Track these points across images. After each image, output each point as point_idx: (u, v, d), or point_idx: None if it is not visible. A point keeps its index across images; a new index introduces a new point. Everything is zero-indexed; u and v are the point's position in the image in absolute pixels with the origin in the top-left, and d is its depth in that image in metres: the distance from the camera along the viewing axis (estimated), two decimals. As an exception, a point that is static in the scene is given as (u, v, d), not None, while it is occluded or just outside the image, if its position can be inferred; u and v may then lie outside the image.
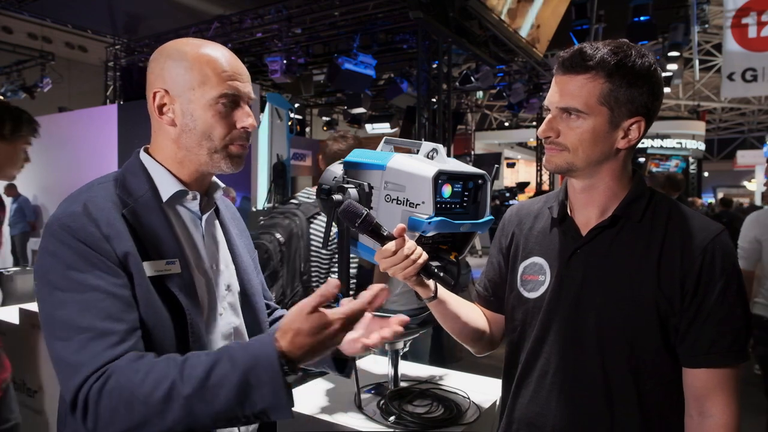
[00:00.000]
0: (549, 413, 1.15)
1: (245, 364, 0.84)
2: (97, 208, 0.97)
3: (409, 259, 1.12)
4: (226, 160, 1.06)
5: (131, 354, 0.89)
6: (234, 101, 1.04)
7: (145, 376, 0.85)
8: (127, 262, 0.95)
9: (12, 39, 10.54)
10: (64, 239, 0.93)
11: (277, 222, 2.35)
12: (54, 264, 0.93)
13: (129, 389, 0.85)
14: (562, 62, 1.10)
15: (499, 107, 18.21)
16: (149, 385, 0.84)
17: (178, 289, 0.99)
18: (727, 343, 1.05)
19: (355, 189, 1.30)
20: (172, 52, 1.04)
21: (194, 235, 1.10)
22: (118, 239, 0.95)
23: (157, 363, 0.88)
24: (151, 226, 1.00)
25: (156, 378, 0.85)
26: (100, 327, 0.89)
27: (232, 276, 1.17)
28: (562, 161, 1.11)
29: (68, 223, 0.94)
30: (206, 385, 0.84)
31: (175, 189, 1.05)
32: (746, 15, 7.48)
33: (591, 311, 1.11)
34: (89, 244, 0.93)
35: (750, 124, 25.21)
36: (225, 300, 1.13)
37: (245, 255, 1.22)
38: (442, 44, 6.89)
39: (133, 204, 1.01)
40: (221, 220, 1.20)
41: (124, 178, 1.05)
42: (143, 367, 0.86)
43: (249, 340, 0.95)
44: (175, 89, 1.02)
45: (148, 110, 1.08)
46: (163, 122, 1.05)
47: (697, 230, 1.08)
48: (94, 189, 1.02)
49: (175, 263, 1.00)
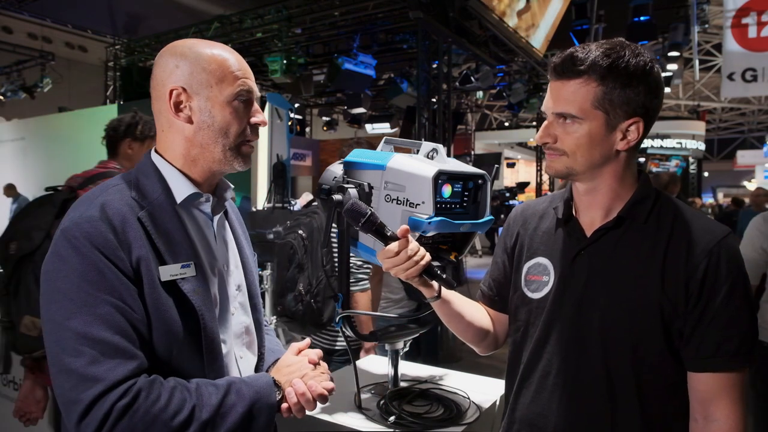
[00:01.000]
0: (550, 414, 1.15)
1: (251, 398, 1.00)
2: (114, 212, 0.97)
3: (412, 260, 1.12)
4: (239, 159, 1.08)
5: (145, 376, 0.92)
6: (248, 99, 1.07)
7: (168, 402, 0.92)
8: (140, 268, 0.95)
9: (12, 39, 10.54)
10: (80, 246, 0.93)
11: (301, 221, 2.61)
12: (67, 272, 0.92)
13: (153, 413, 0.90)
14: (554, 68, 1.09)
15: (499, 107, 18.21)
16: (172, 411, 0.91)
17: (192, 291, 1.00)
18: (733, 347, 1.03)
19: (355, 189, 1.30)
20: (185, 50, 1.04)
21: (208, 236, 1.11)
22: (133, 245, 0.96)
23: (174, 388, 0.94)
24: (166, 229, 1.01)
25: (178, 403, 0.92)
26: (113, 341, 0.90)
27: (242, 276, 1.19)
28: (562, 166, 1.11)
29: (86, 228, 0.94)
30: (219, 412, 0.95)
31: (189, 191, 1.06)
32: (746, 15, 7.49)
33: (594, 312, 1.10)
34: (105, 252, 0.93)
35: (750, 124, 25.21)
36: (236, 300, 1.15)
37: (250, 256, 1.25)
38: (442, 44, 6.88)
39: (148, 207, 1.01)
40: (230, 221, 1.21)
41: (138, 180, 1.05)
42: (164, 393, 0.92)
43: (247, 377, 1.08)
44: (192, 87, 1.03)
45: (152, 108, 1.08)
46: (178, 119, 1.04)
47: (703, 233, 1.06)
48: (109, 192, 1.01)
49: (190, 266, 1.01)
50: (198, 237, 1.08)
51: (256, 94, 1.10)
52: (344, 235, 1.36)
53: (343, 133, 14.53)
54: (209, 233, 1.11)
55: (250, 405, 0.99)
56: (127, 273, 0.94)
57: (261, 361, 1.21)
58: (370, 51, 8.24)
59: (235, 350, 1.13)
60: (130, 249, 0.95)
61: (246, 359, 1.16)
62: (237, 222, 1.25)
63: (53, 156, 9.15)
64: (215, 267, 1.10)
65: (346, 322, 1.44)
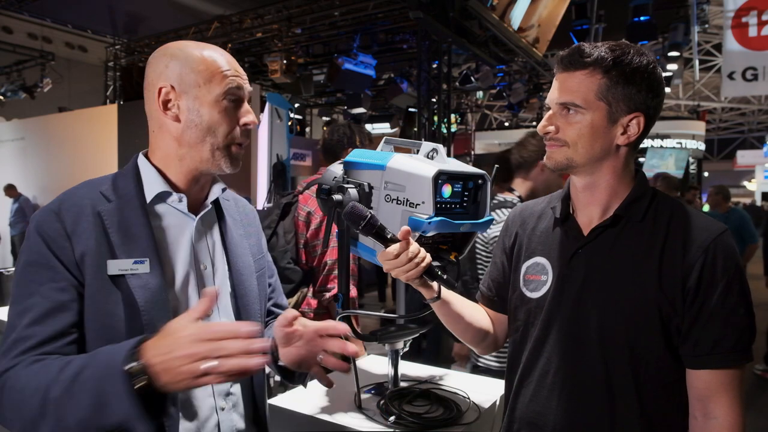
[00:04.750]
0: (549, 413, 1.15)
1: (100, 370, 0.82)
2: (70, 205, 1.02)
3: (413, 263, 1.12)
4: (226, 160, 1.07)
5: (32, 357, 0.92)
6: (238, 98, 1.07)
7: (29, 380, 0.88)
8: (84, 261, 0.98)
9: (12, 39, 10.53)
10: (30, 236, 0.99)
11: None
12: (21, 259, 1.00)
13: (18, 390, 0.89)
14: (561, 60, 1.12)
15: (499, 107, 18.21)
16: (31, 389, 0.87)
17: (141, 288, 0.99)
18: (731, 344, 1.04)
19: (355, 189, 1.30)
20: (175, 51, 1.05)
21: (180, 235, 1.09)
22: (80, 237, 0.99)
23: (46, 365, 0.89)
24: (126, 224, 1.02)
25: (39, 381, 0.87)
26: (24, 333, 0.94)
27: (226, 277, 1.15)
28: (562, 157, 1.12)
29: (38, 218, 1.00)
30: (72, 389, 0.83)
31: (159, 189, 1.06)
32: (746, 14, 7.48)
33: (592, 311, 1.11)
34: (48, 241, 0.98)
35: (750, 124, 25.21)
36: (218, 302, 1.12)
37: (245, 257, 1.19)
38: (442, 44, 6.88)
39: (115, 202, 1.03)
40: (224, 223, 1.18)
41: (116, 177, 1.09)
42: (32, 371, 0.89)
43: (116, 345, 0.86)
44: (181, 86, 1.04)
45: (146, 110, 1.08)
46: (166, 118, 1.05)
47: (699, 230, 1.07)
48: (79, 187, 1.06)
49: (144, 262, 1.01)
50: (169, 236, 1.07)
51: (247, 94, 1.09)
52: (344, 235, 1.36)
53: (343, 133, 14.50)
54: (185, 233, 1.09)
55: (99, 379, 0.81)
56: (67, 263, 0.97)
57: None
58: (370, 51, 8.25)
59: None
60: (77, 241, 0.98)
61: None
62: (236, 223, 1.22)
63: (53, 156, 9.16)
64: (189, 267, 1.08)
65: (345, 322, 1.44)
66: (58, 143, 9.06)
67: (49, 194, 9.27)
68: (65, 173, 8.75)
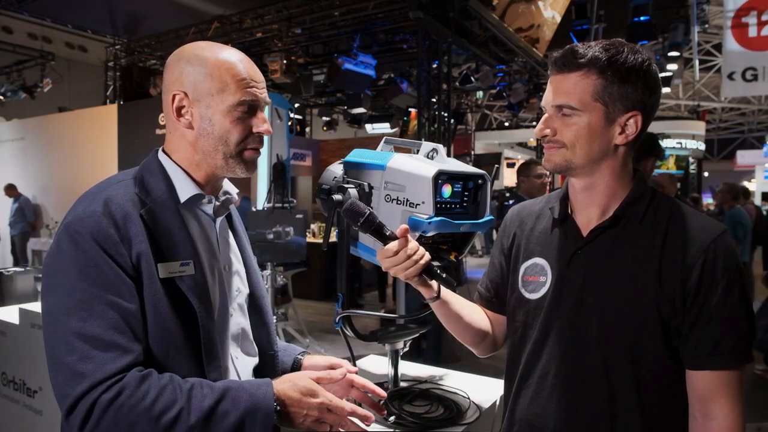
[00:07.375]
0: (549, 415, 1.14)
1: (246, 407, 0.94)
2: (117, 207, 0.98)
3: (411, 260, 1.12)
4: (241, 165, 1.08)
5: (136, 372, 0.91)
6: (252, 108, 1.06)
7: (155, 399, 0.89)
8: (140, 265, 0.96)
9: (12, 39, 10.53)
10: (81, 242, 0.94)
11: None
12: (67, 266, 0.93)
13: (138, 410, 0.87)
14: (555, 61, 1.10)
15: (499, 107, 18.19)
16: (158, 409, 0.88)
17: (190, 290, 1.00)
18: (731, 345, 1.04)
19: (355, 189, 1.30)
20: (191, 56, 1.05)
21: (210, 237, 1.11)
22: (134, 241, 0.96)
23: (165, 387, 0.91)
24: (167, 227, 1.01)
25: (165, 403, 0.89)
26: (105, 337, 0.90)
27: (243, 278, 1.19)
28: (561, 159, 1.11)
29: (88, 223, 0.95)
30: (210, 418, 0.91)
31: (192, 192, 1.07)
32: (746, 14, 7.47)
33: (592, 312, 1.10)
34: (105, 248, 0.94)
35: (750, 124, 25.20)
36: (235, 301, 1.15)
37: (253, 258, 1.25)
38: (442, 44, 6.88)
39: (151, 204, 1.02)
40: (232, 224, 1.22)
41: (143, 177, 1.06)
42: (153, 389, 0.89)
43: (248, 382, 1.00)
44: (194, 93, 1.04)
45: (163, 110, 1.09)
46: (180, 124, 1.06)
47: (699, 231, 1.07)
48: (113, 187, 1.03)
49: (189, 264, 1.01)
50: (200, 237, 1.09)
51: (265, 101, 1.08)
52: (344, 235, 1.36)
53: (343, 133, 14.52)
54: (212, 234, 1.12)
55: (243, 414, 0.93)
56: (126, 269, 0.95)
57: (274, 361, 1.22)
58: (370, 51, 8.24)
59: (231, 351, 1.13)
60: (131, 244, 0.96)
61: (241, 360, 1.16)
62: (240, 225, 1.27)
63: (53, 156, 9.16)
64: (216, 268, 1.10)
65: (346, 322, 1.44)
66: (58, 143, 9.06)
67: (49, 194, 9.28)
68: (65, 173, 8.76)
